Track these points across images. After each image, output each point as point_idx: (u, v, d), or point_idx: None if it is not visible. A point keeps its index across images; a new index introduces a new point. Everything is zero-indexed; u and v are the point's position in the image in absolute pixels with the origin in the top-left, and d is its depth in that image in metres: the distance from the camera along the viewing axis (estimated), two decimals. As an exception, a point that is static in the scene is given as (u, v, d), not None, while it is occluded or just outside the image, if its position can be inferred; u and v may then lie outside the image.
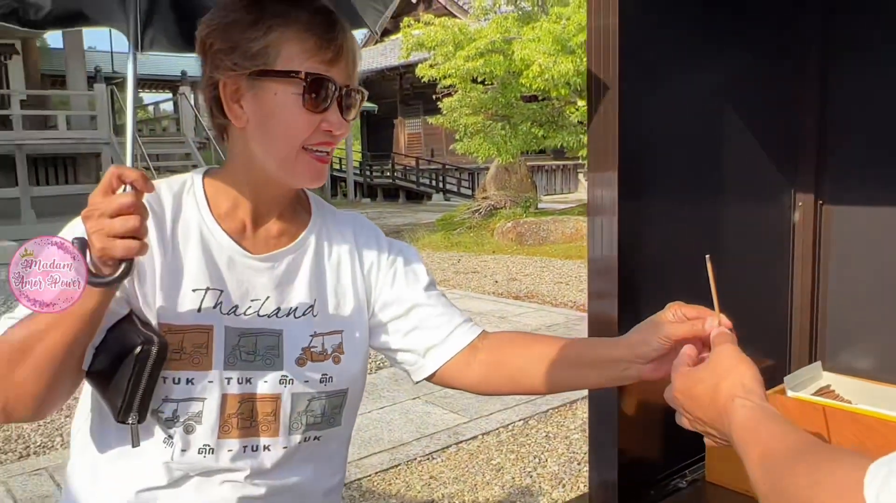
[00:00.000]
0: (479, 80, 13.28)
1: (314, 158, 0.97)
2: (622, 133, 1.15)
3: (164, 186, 1.01)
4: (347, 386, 1.05)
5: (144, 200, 0.84)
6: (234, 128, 0.98)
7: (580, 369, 1.03)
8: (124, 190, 0.81)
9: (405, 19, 15.65)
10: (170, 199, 1.00)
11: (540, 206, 14.94)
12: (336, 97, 0.95)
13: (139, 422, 0.92)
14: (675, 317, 0.93)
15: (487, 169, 15.54)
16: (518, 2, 13.97)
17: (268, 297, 1.01)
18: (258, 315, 1.00)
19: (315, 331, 1.03)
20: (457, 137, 14.20)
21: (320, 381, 1.02)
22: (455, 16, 23.87)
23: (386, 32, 29.26)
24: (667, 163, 1.31)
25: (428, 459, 3.91)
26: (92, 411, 1.01)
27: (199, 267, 0.98)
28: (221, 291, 0.99)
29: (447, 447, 4.06)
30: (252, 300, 1.00)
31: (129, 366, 0.89)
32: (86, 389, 1.01)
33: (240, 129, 0.98)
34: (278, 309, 1.01)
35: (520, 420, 4.42)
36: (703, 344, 0.89)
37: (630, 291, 1.16)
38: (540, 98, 13.27)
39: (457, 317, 1.11)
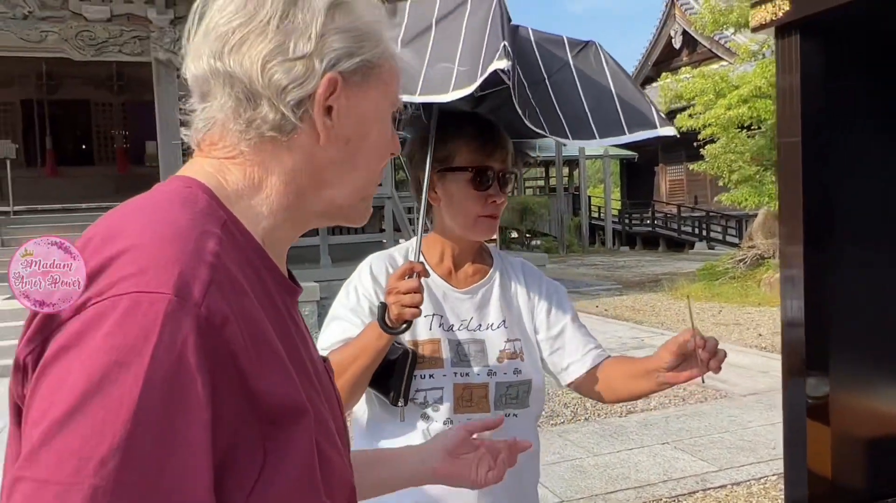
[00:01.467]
0: (745, 126, 12.81)
1: (486, 220, 1.44)
2: (807, 185, 1.35)
3: (403, 249, 1.56)
4: (531, 377, 1.48)
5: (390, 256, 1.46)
6: (434, 205, 1.49)
7: (639, 380, 1.39)
8: (412, 276, 1.32)
9: (664, 73, 15.59)
10: (403, 257, 1.52)
11: (815, 255, 13.79)
12: (495, 179, 1.42)
13: (404, 405, 1.40)
14: (683, 337, 1.27)
15: (756, 216, 14.77)
16: (789, 42, 13.30)
17: (472, 317, 1.49)
18: (467, 330, 1.48)
19: (507, 339, 1.47)
20: (721, 184, 13.75)
21: (513, 373, 1.46)
22: (721, 58, 23.11)
23: (648, 80, 29.14)
24: (861, 217, 1.47)
25: (673, 501, 4.02)
26: (369, 403, 1.49)
27: (426, 300, 1.44)
28: (442, 316, 1.47)
29: (694, 492, 4.13)
30: (462, 320, 1.48)
31: (395, 369, 1.38)
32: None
33: (437, 206, 1.48)
34: (480, 325, 1.48)
35: (773, 474, 4.32)
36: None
37: (818, 340, 1.37)
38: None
39: (591, 344, 1.52)
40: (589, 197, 27.13)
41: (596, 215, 27.92)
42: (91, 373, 0.55)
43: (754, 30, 1.33)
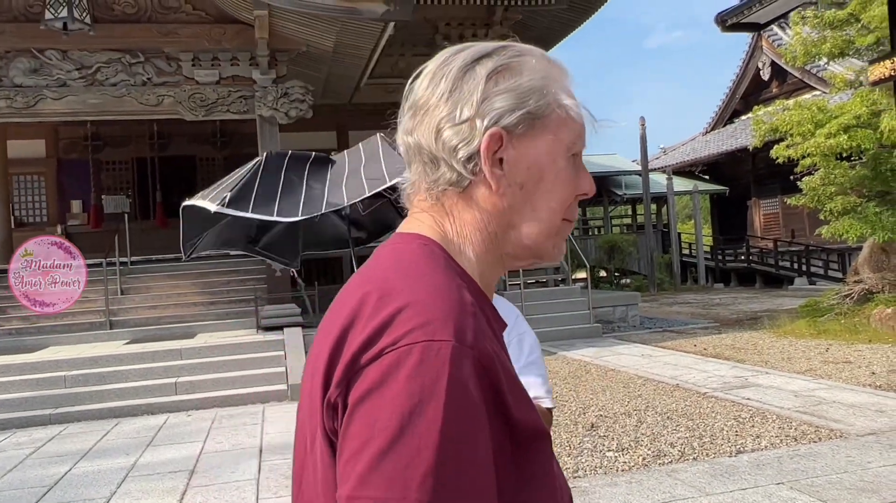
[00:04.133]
0: (844, 156, 12.38)
1: None
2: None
3: None
4: None
5: None
6: None
7: None
8: None
9: (755, 107, 15.25)
10: None
11: (929, 289, 13.02)
12: None
13: None
14: None
15: (860, 249, 14.11)
16: (888, 68, 12.84)
17: None
18: None
19: None
20: (821, 218, 13.27)
21: None
22: (813, 87, 22.42)
23: (735, 113, 28.50)
24: None
25: (794, 543, 3.91)
26: None
27: None
28: None
29: (815, 534, 4.00)
30: None
31: None
32: None
33: None
34: None
35: (901, 517, 4.15)
36: None
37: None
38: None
39: (540, 390, 1.64)
40: (679, 233, 26.53)
41: (687, 252, 27.23)
42: (402, 411, 0.67)
43: (873, 84, 1.43)
